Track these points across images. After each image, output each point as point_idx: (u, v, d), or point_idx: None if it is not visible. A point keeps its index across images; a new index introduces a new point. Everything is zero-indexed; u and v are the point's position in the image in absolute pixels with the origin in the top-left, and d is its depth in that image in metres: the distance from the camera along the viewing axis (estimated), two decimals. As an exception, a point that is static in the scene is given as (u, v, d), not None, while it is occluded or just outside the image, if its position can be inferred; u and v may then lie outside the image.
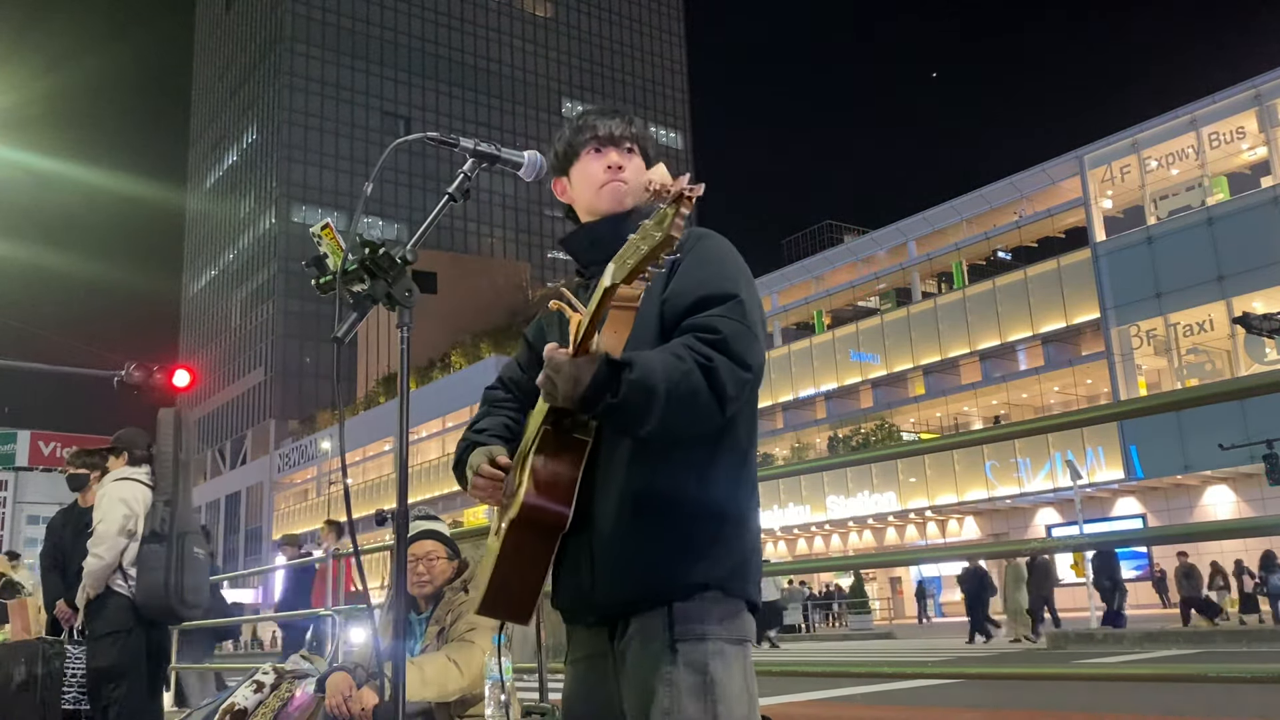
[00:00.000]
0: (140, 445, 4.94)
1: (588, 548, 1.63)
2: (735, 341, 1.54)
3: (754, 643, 1.67)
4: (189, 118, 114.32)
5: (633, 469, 1.61)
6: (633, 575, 1.59)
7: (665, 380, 1.46)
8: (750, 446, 1.72)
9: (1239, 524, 18.91)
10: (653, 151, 1.92)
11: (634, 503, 1.60)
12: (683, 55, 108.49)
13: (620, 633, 1.63)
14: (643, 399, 1.45)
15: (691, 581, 1.58)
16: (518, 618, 1.66)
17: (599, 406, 1.46)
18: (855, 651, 18.87)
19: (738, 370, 1.53)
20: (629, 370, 1.45)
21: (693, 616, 1.58)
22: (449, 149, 1.70)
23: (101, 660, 4.56)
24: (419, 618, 3.59)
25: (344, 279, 1.53)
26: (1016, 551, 18.11)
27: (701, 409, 1.51)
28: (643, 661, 1.58)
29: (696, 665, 1.55)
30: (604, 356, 1.46)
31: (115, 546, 4.56)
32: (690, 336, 1.55)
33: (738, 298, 1.61)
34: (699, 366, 1.50)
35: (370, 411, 63.15)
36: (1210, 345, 30.75)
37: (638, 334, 1.61)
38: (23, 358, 12.85)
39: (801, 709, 7.44)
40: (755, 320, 1.62)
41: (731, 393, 1.52)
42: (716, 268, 1.67)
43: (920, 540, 38.70)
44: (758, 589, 1.68)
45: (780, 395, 43.56)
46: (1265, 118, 30.11)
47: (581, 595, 1.65)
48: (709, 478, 1.62)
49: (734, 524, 1.64)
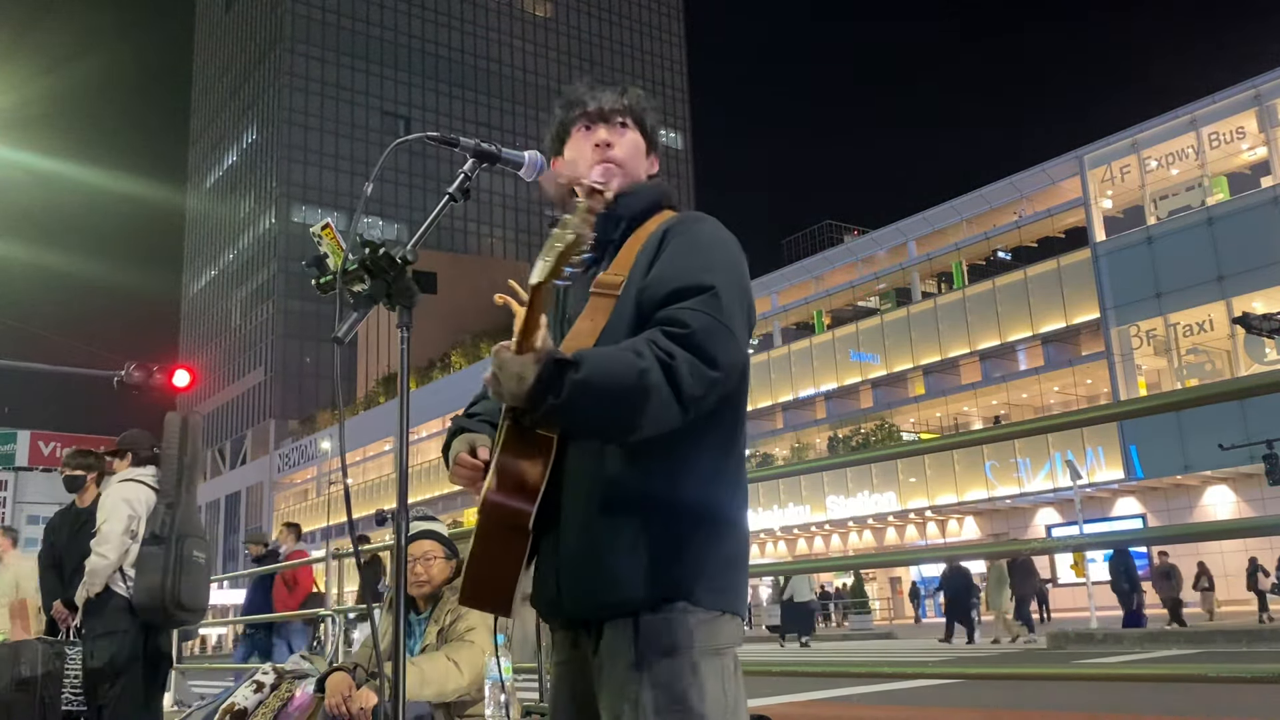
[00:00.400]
0: (145, 447, 4.95)
1: (554, 553, 1.56)
2: (704, 337, 1.44)
3: (735, 647, 1.57)
4: (189, 118, 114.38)
5: (599, 469, 1.53)
6: (597, 585, 1.51)
7: (615, 379, 1.38)
8: (734, 445, 1.62)
9: (1239, 524, 18.90)
10: (652, 121, 1.82)
11: (599, 507, 1.52)
12: (683, 55, 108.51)
13: (594, 639, 1.55)
14: (588, 400, 1.38)
15: (658, 594, 1.49)
16: (497, 609, 1.61)
17: (543, 407, 1.39)
18: (855, 651, 18.87)
19: (703, 368, 1.42)
20: (574, 370, 1.37)
21: (660, 630, 1.49)
22: (449, 149, 1.70)
23: (97, 660, 4.57)
24: (418, 618, 3.59)
25: (344, 279, 1.53)
26: (1016, 551, 18.05)
27: (658, 410, 1.40)
28: (612, 678, 1.51)
29: (662, 684, 1.47)
30: (549, 354, 1.38)
31: (119, 546, 4.58)
32: (657, 330, 1.46)
33: (713, 290, 1.49)
34: (659, 364, 1.40)
35: (370, 411, 63.17)
36: (1210, 345, 30.74)
37: (615, 322, 1.56)
38: (23, 358, 12.86)
39: (801, 709, 7.44)
40: (733, 315, 1.49)
41: (695, 392, 1.42)
42: (698, 257, 1.57)
43: (920, 540, 38.69)
44: (739, 597, 1.58)
45: (780, 395, 43.55)
46: (1265, 118, 30.11)
47: (549, 601, 1.58)
48: (681, 480, 1.53)
49: (709, 529, 1.54)
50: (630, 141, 1.77)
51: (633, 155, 1.77)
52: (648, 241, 1.63)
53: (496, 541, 1.56)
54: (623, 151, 1.75)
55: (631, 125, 1.78)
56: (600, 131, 1.75)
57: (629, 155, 1.76)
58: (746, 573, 1.62)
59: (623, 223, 1.70)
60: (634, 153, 1.77)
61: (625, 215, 1.70)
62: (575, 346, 1.56)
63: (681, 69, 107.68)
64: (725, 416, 1.58)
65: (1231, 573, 29.37)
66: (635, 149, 1.77)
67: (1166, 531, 13.49)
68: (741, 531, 1.61)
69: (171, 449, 4.85)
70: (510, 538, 1.55)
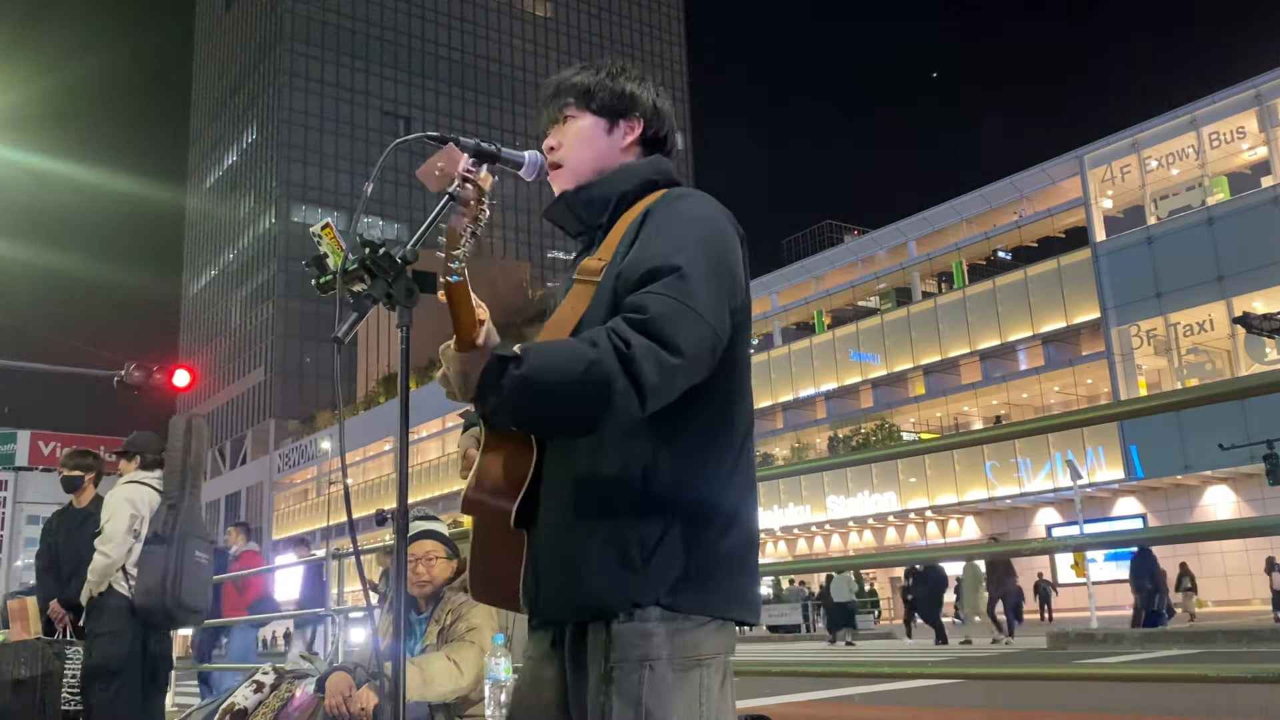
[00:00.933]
0: (153, 450, 4.99)
1: (534, 551, 1.52)
2: (665, 323, 1.36)
3: (722, 656, 1.48)
4: (189, 118, 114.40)
5: (573, 464, 1.48)
6: (571, 587, 1.46)
7: (560, 372, 1.33)
8: (726, 436, 1.52)
9: (1239, 524, 18.90)
10: (607, 91, 1.68)
11: (573, 504, 1.46)
12: (683, 55, 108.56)
13: (573, 641, 1.50)
14: (531, 395, 1.33)
15: (625, 596, 1.42)
16: (506, 604, 1.59)
17: (487, 405, 1.36)
18: (855, 651, 18.87)
19: (663, 355, 1.34)
20: (515, 365, 1.33)
21: (631, 638, 1.42)
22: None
23: (95, 659, 4.58)
24: (419, 617, 3.59)
25: (344, 279, 1.52)
26: (1016, 551, 17.97)
27: (613, 401, 1.33)
28: (585, 686, 1.46)
29: (629, 696, 1.40)
30: (491, 350, 1.36)
31: (123, 545, 4.62)
32: (619, 317, 1.39)
33: (679, 272, 1.41)
34: (615, 353, 1.33)
35: (370, 411, 63.14)
36: (1210, 345, 30.75)
37: (595, 308, 1.51)
38: (23, 358, 12.87)
39: (801, 709, 7.44)
40: (700, 296, 1.41)
41: (652, 380, 1.34)
42: (669, 236, 1.48)
43: (920, 540, 38.69)
44: (734, 601, 1.49)
45: (780, 395, 43.55)
46: (1265, 118, 30.11)
47: (529, 599, 1.54)
48: (659, 475, 1.45)
49: (694, 528, 1.45)
50: (573, 131, 1.68)
51: (579, 143, 1.68)
52: (631, 223, 1.58)
53: (493, 538, 1.56)
54: (564, 148, 1.68)
55: (575, 108, 1.69)
56: (549, 138, 1.71)
57: (572, 147, 1.68)
58: (750, 575, 1.52)
59: (610, 205, 1.64)
60: (581, 140, 1.68)
61: (609, 197, 1.64)
62: (553, 334, 1.53)
63: (681, 69, 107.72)
64: (709, 406, 1.49)
65: (1232, 572, 29.41)
66: (581, 135, 1.68)
67: (1167, 531, 13.49)
68: (741, 530, 1.51)
69: (176, 451, 4.88)
70: (504, 534, 1.53)
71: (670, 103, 1.79)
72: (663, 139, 1.74)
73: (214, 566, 4.94)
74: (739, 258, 1.56)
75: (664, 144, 1.74)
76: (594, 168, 1.67)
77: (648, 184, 1.66)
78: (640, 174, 1.67)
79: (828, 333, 43.61)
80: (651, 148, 1.73)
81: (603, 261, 1.57)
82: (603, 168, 1.68)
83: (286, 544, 57.29)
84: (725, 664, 1.50)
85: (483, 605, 3.48)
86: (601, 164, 1.68)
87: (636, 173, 1.67)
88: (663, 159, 1.73)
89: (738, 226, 1.60)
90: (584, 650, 1.48)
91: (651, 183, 1.66)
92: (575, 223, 1.69)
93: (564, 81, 1.71)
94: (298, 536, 12.15)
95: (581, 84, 1.69)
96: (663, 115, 1.74)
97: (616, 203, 1.64)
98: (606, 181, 1.66)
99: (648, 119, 1.72)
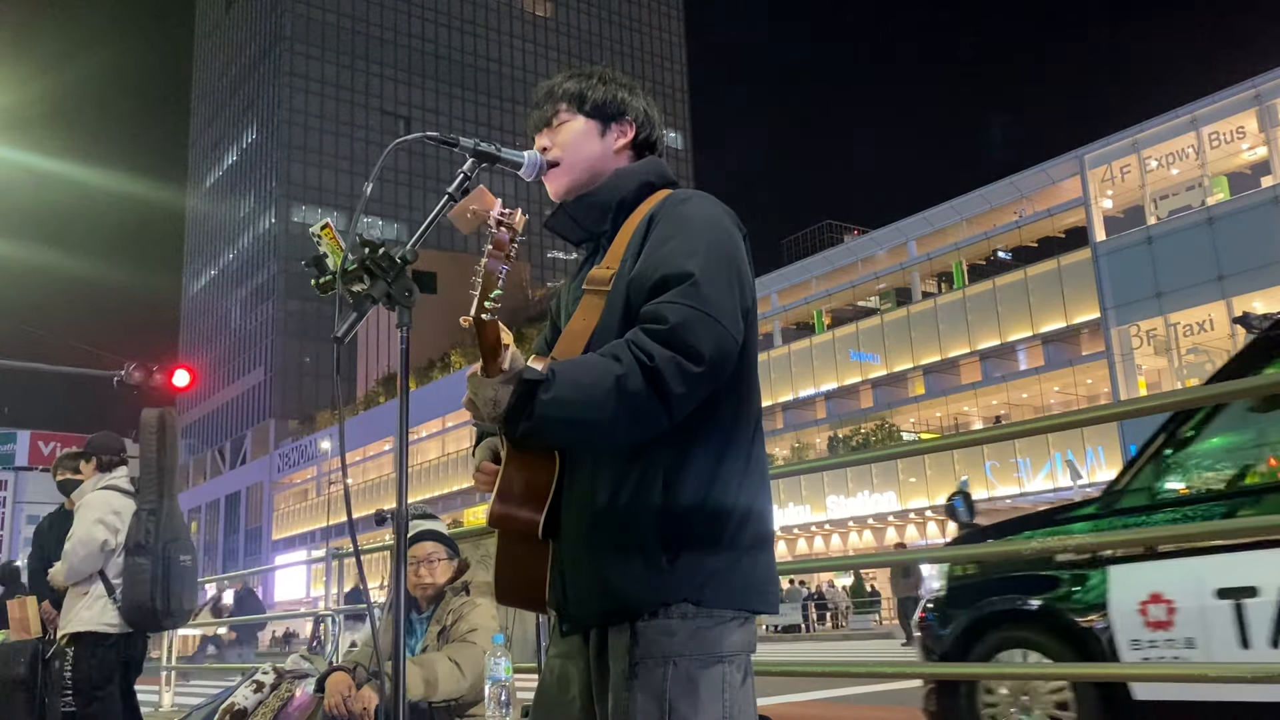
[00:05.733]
0: (111, 449, 4.66)
1: (560, 557, 1.54)
2: (685, 332, 1.38)
3: (744, 654, 1.51)
4: (189, 118, 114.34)
5: (594, 474, 1.50)
6: (596, 592, 1.48)
7: (588, 392, 1.36)
8: (741, 434, 1.55)
9: (1239, 524, 18.86)
10: (599, 99, 1.70)
11: (594, 512, 1.49)
12: (683, 55, 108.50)
13: (599, 643, 1.53)
14: (562, 418, 1.36)
15: (654, 597, 1.45)
16: (531, 607, 1.63)
17: (518, 430, 1.37)
18: (855, 651, 18.87)
19: (686, 365, 1.37)
20: (544, 389, 1.35)
21: (655, 636, 1.44)
22: (449, 149, 1.69)
23: (80, 671, 4.42)
24: (420, 617, 3.59)
25: (344, 279, 1.52)
26: (1015, 552, 18.02)
27: (641, 415, 1.37)
28: (610, 685, 1.48)
29: (654, 692, 1.43)
30: (520, 375, 1.37)
31: (80, 570, 4.36)
32: (638, 329, 1.42)
33: (692, 279, 1.43)
34: (639, 366, 1.37)
35: (370, 411, 63.12)
36: (1210, 345, 30.74)
37: (607, 319, 1.53)
38: (23, 358, 12.87)
39: (801, 709, 7.44)
40: (715, 301, 1.43)
41: (679, 390, 1.37)
42: (679, 241, 1.50)
43: (920, 540, 38.70)
44: (756, 595, 1.51)
45: (780, 395, 43.55)
46: (1265, 118, 30.11)
47: (557, 605, 1.57)
48: (679, 478, 1.47)
49: (715, 525, 1.48)
50: (567, 130, 1.69)
51: (574, 144, 1.69)
52: (636, 229, 1.59)
53: (518, 547, 1.58)
54: (559, 149, 1.69)
55: (568, 112, 1.70)
56: (541, 139, 1.71)
57: (568, 147, 1.69)
58: (770, 568, 1.55)
59: (611, 211, 1.65)
60: (575, 141, 1.69)
61: (610, 203, 1.65)
62: (568, 348, 1.54)
63: (681, 69, 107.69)
64: (724, 407, 1.52)
65: None
66: (576, 136, 1.69)
67: (1166, 532, 13.47)
68: (758, 522, 1.54)
69: (150, 450, 4.54)
70: (523, 545, 1.56)
71: (659, 108, 1.81)
72: (653, 143, 1.77)
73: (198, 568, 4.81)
74: (745, 257, 1.58)
75: (654, 147, 1.77)
76: (589, 168, 1.69)
77: (645, 186, 1.67)
78: (637, 177, 1.68)
79: (828, 333, 43.63)
80: (642, 151, 1.75)
81: (611, 270, 1.58)
82: (597, 170, 1.69)
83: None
84: (747, 661, 1.52)
85: (484, 606, 3.49)
86: (596, 166, 1.69)
87: (634, 176, 1.69)
88: (657, 160, 1.75)
89: (740, 224, 1.62)
90: (608, 648, 1.50)
91: (649, 185, 1.68)
92: (578, 231, 1.70)
93: (556, 86, 1.73)
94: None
95: (574, 89, 1.71)
96: (653, 120, 1.76)
97: (618, 208, 1.65)
98: (605, 188, 1.67)
99: (639, 123, 1.74)
